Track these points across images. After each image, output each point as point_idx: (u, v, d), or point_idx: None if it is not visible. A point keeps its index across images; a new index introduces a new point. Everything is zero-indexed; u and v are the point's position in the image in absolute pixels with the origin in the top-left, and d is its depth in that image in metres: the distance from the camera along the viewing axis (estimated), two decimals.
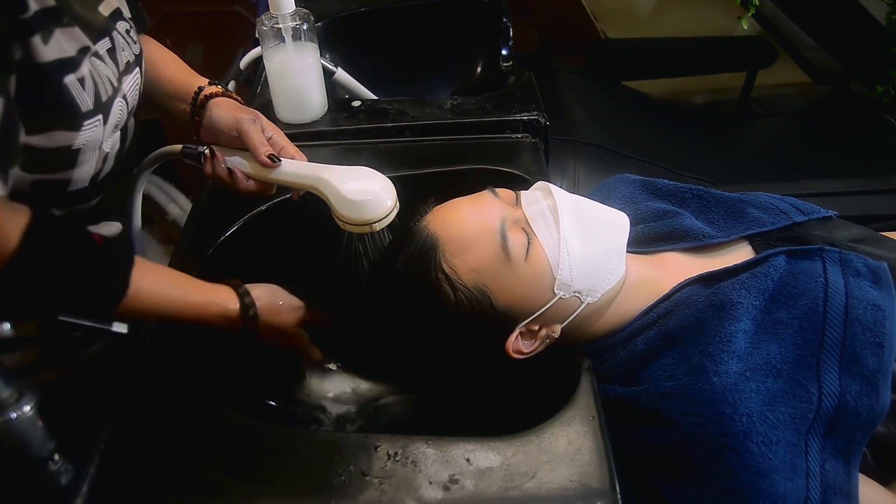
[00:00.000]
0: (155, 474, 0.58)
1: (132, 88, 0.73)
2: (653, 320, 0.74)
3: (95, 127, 0.64)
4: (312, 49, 1.02)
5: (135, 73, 0.74)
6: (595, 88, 1.74)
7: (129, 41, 0.74)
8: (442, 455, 0.57)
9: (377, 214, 0.73)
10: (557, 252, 0.70)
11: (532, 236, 0.71)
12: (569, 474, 0.56)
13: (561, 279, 0.70)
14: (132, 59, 0.74)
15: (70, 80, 0.60)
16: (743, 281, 0.73)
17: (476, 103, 1.09)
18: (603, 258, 0.72)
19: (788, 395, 0.64)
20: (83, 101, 0.62)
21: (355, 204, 0.73)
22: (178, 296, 0.67)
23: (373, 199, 0.74)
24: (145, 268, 0.65)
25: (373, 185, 0.75)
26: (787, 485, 0.60)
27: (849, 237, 0.82)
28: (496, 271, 0.70)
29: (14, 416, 0.50)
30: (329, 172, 0.76)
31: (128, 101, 0.71)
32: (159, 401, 0.66)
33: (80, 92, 0.61)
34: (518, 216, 0.73)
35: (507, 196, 0.76)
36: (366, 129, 1.05)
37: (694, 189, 0.90)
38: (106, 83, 0.66)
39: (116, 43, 0.70)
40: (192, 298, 0.68)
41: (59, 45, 0.59)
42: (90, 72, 0.63)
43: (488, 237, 0.70)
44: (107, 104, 0.66)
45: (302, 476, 0.56)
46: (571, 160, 1.36)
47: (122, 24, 0.74)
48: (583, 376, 0.66)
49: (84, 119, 0.62)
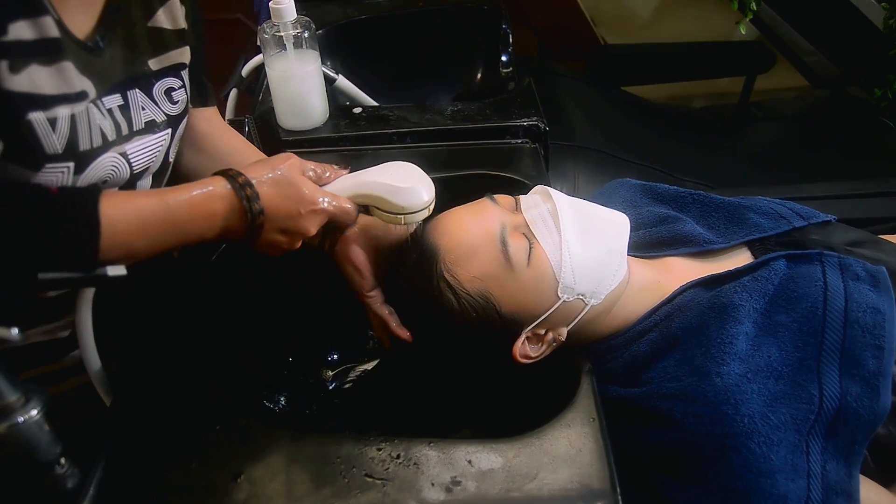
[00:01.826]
0: (160, 477, 0.58)
1: (146, 149, 0.69)
2: (655, 322, 0.74)
3: (61, 173, 0.60)
4: (314, 56, 1.03)
5: (159, 134, 0.71)
6: (595, 93, 1.75)
7: (162, 102, 0.71)
8: (444, 457, 0.58)
9: (430, 196, 0.72)
10: (559, 255, 0.70)
11: (533, 241, 0.71)
12: (570, 475, 0.56)
13: (564, 282, 0.70)
14: (162, 120, 0.71)
15: (37, 117, 0.57)
16: (744, 284, 0.73)
17: (476, 109, 1.10)
18: (605, 259, 0.72)
19: (789, 397, 0.64)
20: (49, 142, 0.58)
21: (406, 191, 0.70)
22: (157, 204, 0.60)
23: (422, 181, 0.72)
24: (115, 196, 0.60)
25: (411, 171, 0.73)
26: (788, 485, 0.60)
27: (847, 241, 0.82)
28: (499, 278, 0.70)
29: (21, 420, 0.51)
30: (368, 174, 0.73)
31: (130, 161, 0.67)
32: (164, 404, 0.66)
33: (48, 133, 0.58)
34: (518, 221, 0.73)
35: (506, 202, 0.76)
36: (367, 135, 1.06)
37: (694, 194, 0.91)
38: (95, 134, 0.63)
39: (132, 101, 0.68)
40: (173, 200, 0.61)
41: (31, 79, 0.56)
42: (73, 116, 0.60)
43: (489, 244, 0.70)
44: (86, 155, 0.62)
45: (304, 478, 0.57)
46: (571, 165, 1.37)
47: (167, 81, 0.71)
48: (583, 378, 0.66)
49: (47, 161, 0.59)
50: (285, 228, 0.66)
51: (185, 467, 0.58)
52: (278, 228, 0.66)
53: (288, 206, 0.66)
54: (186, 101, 0.75)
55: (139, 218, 0.59)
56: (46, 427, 0.53)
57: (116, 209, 0.58)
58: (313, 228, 0.68)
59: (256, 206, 0.63)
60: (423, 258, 0.72)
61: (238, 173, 0.64)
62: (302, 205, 0.66)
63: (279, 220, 0.65)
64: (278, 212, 0.65)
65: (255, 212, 0.63)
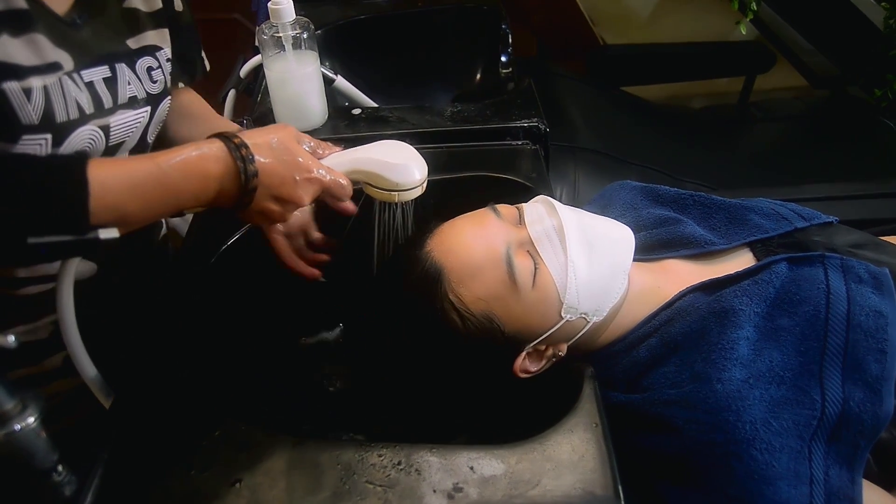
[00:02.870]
0: (158, 484, 0.57)
1: (125, 124, 0.70)
2: (655, 328, 0.74)
3: (38, 145, 0.60)
4: (313, 57, 1.02)
5: (140, 111, 0.72)
6: (594, 94, 1.75)
7: (145, 79, 0.72)
8: (445, 463, 0.57)
9: (423, 175, 0.72)
10: (565, 276, 0.69)
11: (538, 261, 0.70)
12: (573, 482, 0.56)
13: (568, 303, 0.70)
14: (143, 97, 0.72)
15: (10, 86, 0.57)
16: (745, 288, 0.73)
17: (476, 110, 1.09)
18: (609, 277, 0.72)
19: (792, 402, 0.64)
20: (25, 113, 0.59)
21: (400, 167, 0.70)
22: (148, 165, 0.59)
23: (415, 160, 0.72)
24: (104, 160, 0.59)
25: (404, 150, 0.73)
26: (790, 492, 0.60)
27: (849, 242, 0.82)
28: (504, 299, 0.69)
29: (18, 427, 0.50)
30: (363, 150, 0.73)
31: (109, 135, 0.67)
32: (162, 411, 0.65)
33: (24, 103, 0.58)
34: (523, 238, 0.72)
35: (509, 214, 0.75)
36: (366, 136, 1.05)
37: (695, 195, 0.90)
38: (71, 106, 0.63)
39: (119, 75, 0.68)
40: (166, 161, 0.59)
41: (4, 49, 0.57)
42: (45, 87, 0.60)
43: (494, 265, 0.69)
44: (63, 127, 0.62)
45: (304, 484, 0.56)
46: (571, 166, 1.37)
47: (147, 60, 0.72)
48: (585, 383, 0.66)
49: (24, 132, 0.59)
50: (279, 195, 0.65)
51: (184, 474, 0.58)
52: (272, 195, 0.65)
53: (283, 172, 0.64)
54: (165, 82, 0.75)
55: (130, 179, 0.58)
56: (43, 434, 0.53)
57: (105, 171, 0.56)
58: (307, 198, 0.67)
59: (251, 168, 0.62)
60: (427, 277, 0.70)
61: (234, 135, 0.63)
62: (298, 171, 0.65)
63: (273, 185, 0.64)
64: (273, 177, 0.64)
65: (249, 173, 0.62)
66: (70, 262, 0.65)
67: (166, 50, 0.76)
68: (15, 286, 0.72)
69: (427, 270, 0.70)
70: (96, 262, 0.77)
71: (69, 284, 0.66)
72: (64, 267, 0.65)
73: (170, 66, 0.77)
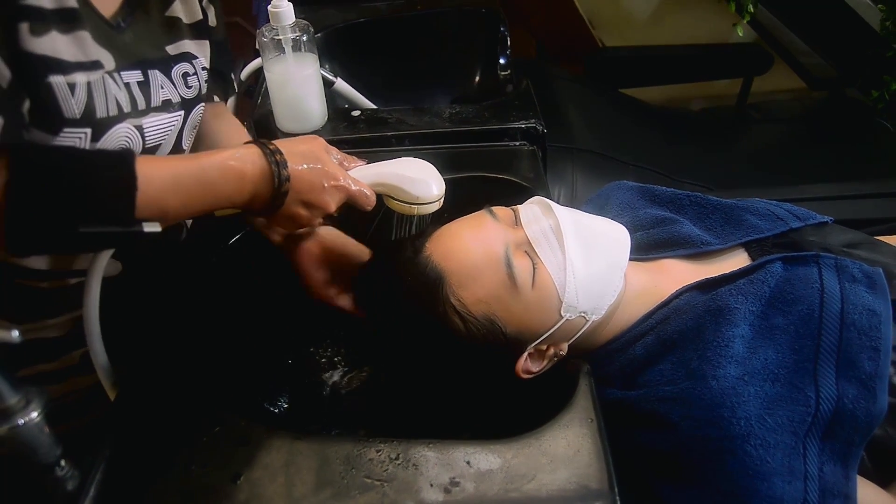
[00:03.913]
0: (160, 479, 0.58)
1: (159, 126, 0.72)
2: (651, 326, 0.74)
3: (78, 138, 0.62)
4: (312, 60, 1.03)
5: (174, 115, 0.74)
6: (593, 96, 1.76)
7: (180, 84, 0.75)
8: (442, 458, 0.58)
9: (440, 191, 0.77)
10: (563, 275, 0.70)
11: (536, 261, 0.71)
12: (568, 476, 0.56)
13: (567, 302, 0.70)
14: (177, 101, 0.74)
15: (57, 80, 0.59)
16: (740, 287, 0.73)
17: (474, 112, 1.10)
18: (607, 275, 0.72)
19: (786, 399, 0.64)
20: (68, 106, 0.61)
21: (421, 182, 0.75)
22: (190, 164, 0.63)
23: (434, 177, 0.77)
24: (148, 157, 0.63)
25: (424, 167, 0.78)
26: (785, 488, 0.60)
27: (844, 242, 0.83)
28: (504, 300, 0.70)
29: (21, 422, 0.51)
30: (386, 165, 0.78)
31: (144, 136, 0.70)
32: (163, 406, 0.66)
33: (67, 97, 0.61)
34: (520, 238, 0.72)
35: (505, 216, 0.75)
36: (366, 137, 1.06)
37: (692, 196, 0.91)
38: (110, 104, 0.65)
39: (152, 80, 0.71)
40: (206, 161, 0.64)
41: (52, 43, 0.59)
42: (89, 83, 0.63)
43: (494, 266, 0.70)
44: (102, 123, 0.64)
45: (304, 479, 0.57)
46: (569, 167, 1.37)
47: (183, 66, 0.75)
48: (581, 379, 0.66)
49: (66, 125, 0.61)
50: (308, 201, 0.70)
51: (185, 469, 0.58)
52: (301, 200, 0.69)
53: (312, 179, 0.69)
54: (200, 88, 0.78)
55: (173, 176, 0.62)
56: (46, 429, 0.53)
57: (151, 166, 0.60)
58: (333, 205, 0.71)
59: (284, 173, 0.66)
60: (426, 281, 0.71)
61: (269, 142, 0.68)
62: (326, 179, 0.70)
63: (303, 191, 0.69)
64: (303, 182, 0.68)
65: (282, 178, 0.66)
66: (101, 256, 0.68)
67: (202, 59, 0.79)
68: (39, 278, 0.73)
69: (427, 275, 0.71)
70: (122, 262, 0.78)
71: (98, 278, 0.68)
72: (95, 260, 0.68)
73: (205, 74, 0.79)
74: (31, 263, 0.72)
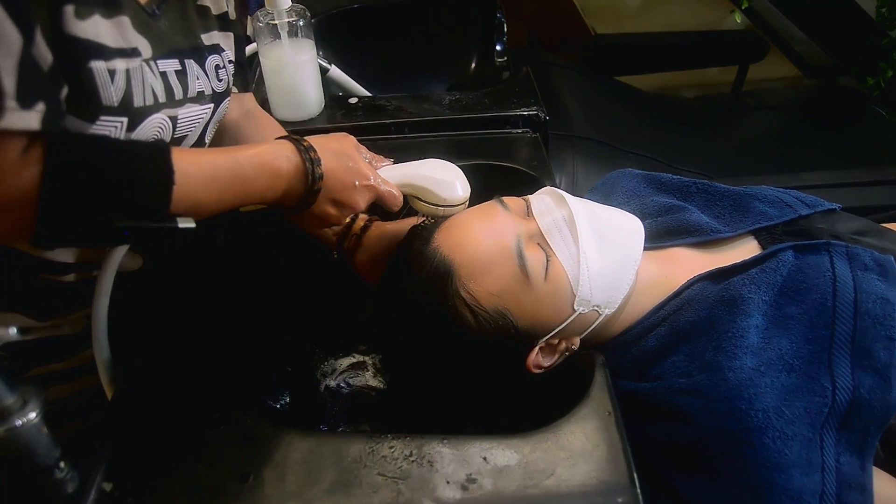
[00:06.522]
0: (164, 480, 0.56)
1: (191, 118, 0.70)
2: (663, 318, 0.73)
3: (114, 127, 0.60)
4: (309, 45, 1.01)
5: (204, 106, 0.72)
6: (589, 84, 1.74)
7: (213, 76, 0.73)
8: (458, 454, 0.56)
9: (466, 193, 0.76)
10: (577, 268, 0.69)
11: (550, 253, 0.69)
12: (588, 471, 0.55)
13: (581, 295, 0.69)
14: (209, 93, 0.73)
15: (97, 65, 0.57)
16: (752, 276, 0.72)
17: (475, 99, 1.08)
18: (620, 268, 0.71)
19: (803, 390, 0.63)
20: (107, 93, 0.59)
21: (448, 184, 0.75)
22: (226, 157, 0.62)
23: (460, 179, 0.76)
24: (184, 150, 0.61)
25: (451, 169, 0.78)
26: (802, 480, 0.60)
27: (852, 229, 0.82)
28: (516, 293, 0.68)
29: (19, 423, 0.48)
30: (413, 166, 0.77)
31: (176, 126, 0.68)
32: (166, 404, 0.64)
33: (107, 83, 0.58)
34: (532, 230, 0.71)
35: (516, 206, 0.74)
36: (364, 125, 1.04)
37: (698, 183, 0.89)
38: (147, 93, 0.63)
39: (189, 69, 0.69)
40: (242, 155, 0.63)
41: (95, 28, 0.57)
42: (128, 70, 0.60)
43: (506, 258, 0.68)
44: (139, 112, 0.62)
45: (315, 479, 0.55)
46: (570, 155, 1.36)
47: (215, 58, 0.74)
48: (597, 371, 0.65)
49: (102, 113, 0.59)
50: (338, 199, 0.69)
51: (190, 469, 0.56)
52: (331, 199, 0.68)
53: (344, 177, 0.68)
54: (228, 81, 0.77)
55: (209, 169, 0.61)
56: (45, 430, 0.51)
57: (187, 159, 0.59)
58: (363, 203, 0.71)
59: (318, 170, 0.66)
60: (435, 274, 0.69)
61: (302, 139, 0.67)
62: (358, 177, 0.69)
63: (335, 189, 0.68)
64: (336, 180, 0.68)
65: (316, 175, 0.66)
66: (116, 251, 0.66)
67: (229, 53, 0.78)
68: (64, 272, 0.71)
69: (436, 267, 0.69)
70: (143, 255, 0.76)
71: (112, 270, 0.67)
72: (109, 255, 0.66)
73: (232, 68, 0.78)
74: (57, 257, 0.69)
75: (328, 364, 0.88)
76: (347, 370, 0.88)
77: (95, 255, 0.71)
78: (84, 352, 0.75)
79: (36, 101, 0.51)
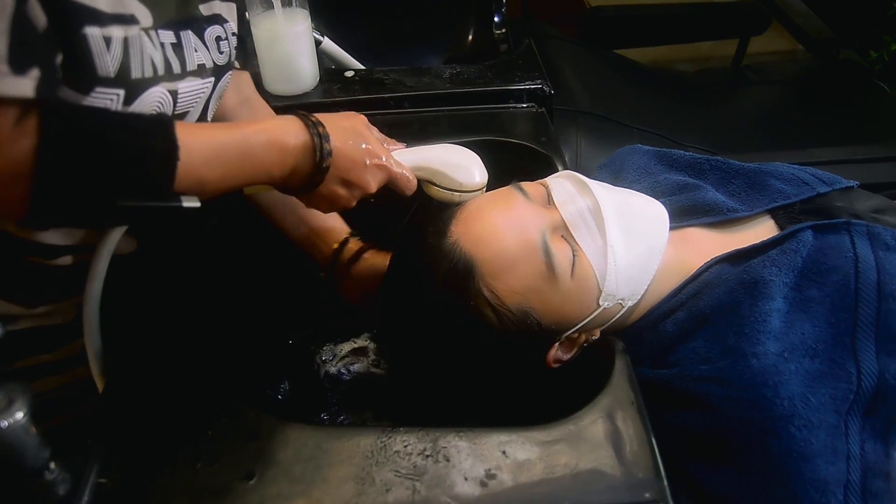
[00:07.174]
0: (162, 480, 0.53)
1: (192, 92, 0.67)
2: (681, 302, 0.70)
3: (110, 100, 0.56)
4: (304, 16, 0.96)
5: (206, 80, 0.68)
6: (589, 57, 1.70)
7: (213, 49, 0.69)
8: (475, 448, 0.54)
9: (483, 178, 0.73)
10: (604, 264, 0.66)
11: (576, 248, 0.66)
12: (612, 464, 0.53)
13: (607, 290, 0.66)
14: (210, 66, 0.69)
15: (92, 31, 0.53)
16: (773, 258, 0.69)
17: (476, 72, 1.04)
18: (646, 259, 0.68)
19: (827, 376, 0.61)
20: (102, 63, 0.55)
21: (465, 169, 0.71)
22: (233, 133, 0.59)
23: (477, 164, 0.73)
24: (188, 124, 0.59)
25: (467, 154, 0.74)
26: (828, 469, 0.58)
27: (871, 207, 0.79)
28: (541, 290, 0.65)
29: (5, 424, 0.45)
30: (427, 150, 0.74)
31: (176, 101, 0.64)
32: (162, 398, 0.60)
33: (103, 52, 0.54)
34: (556, 221, 0.67)
35: (536, 193, 0.70)
36: (362, 100, 1.00)
37: (711, 160, 0.86)
38: (146, 64, 0.59)
39: (185, 41, 0.65)
40: (250, 130, 0.60)
41: None
42: (126, 39, 0.56)
43: (531, 254, 0.65)
44: (136, 84, 0.58)
45: (323, 476, 0.52)
46: (573, 131, 1.32)
47: (216, 29, 0.69)
48: (617, 358, 0.62)
49: (97, 84, 0.55)
50: (348, 179, 0.65)
51: (190, 467, 0.53)
52: (341, 178, 0.65)
53: (354, 155, 0.65)
54: (230, 54, 0.73)
55: (214, 144, 0.57)
56: (33, 430, 0.47)
57: (191, 134, 0.56)
58: (374, 185, 0.67)
59: (327, 147, 0.63)
60: (455, 271, 0.65)
61: (310, 114, 0.64)
62: (369, 157, 0.66)
63: (345, 168, 0.65)
64: (345, 159, 0.64)
65: (324, 152, 0.62)
66: (113, 232, 0.63)
67: (232, 24, 0.73)
68: (55, 255, 0.67)
69: (456, 264, 0.65)
70: (138, 238, 0.73)
71: (107, 254, 0.64)
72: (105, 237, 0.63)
73: (235, 40, 0.74)
74: (47, 238, 0.65)
75: (328, 349, 0.85)
76: (348, 356, 0.85)
77: (88, 236, 0.67)
78: (74, 342, 0.72)
79: (30, 67, 0.47)
